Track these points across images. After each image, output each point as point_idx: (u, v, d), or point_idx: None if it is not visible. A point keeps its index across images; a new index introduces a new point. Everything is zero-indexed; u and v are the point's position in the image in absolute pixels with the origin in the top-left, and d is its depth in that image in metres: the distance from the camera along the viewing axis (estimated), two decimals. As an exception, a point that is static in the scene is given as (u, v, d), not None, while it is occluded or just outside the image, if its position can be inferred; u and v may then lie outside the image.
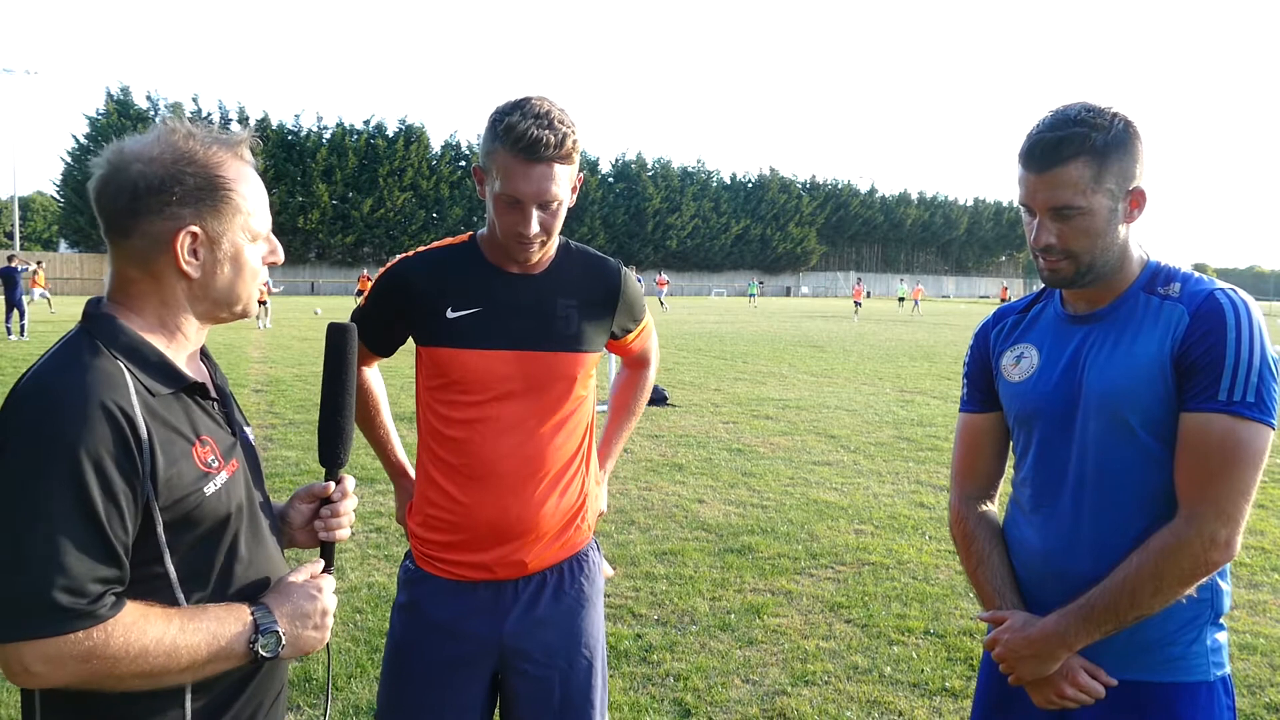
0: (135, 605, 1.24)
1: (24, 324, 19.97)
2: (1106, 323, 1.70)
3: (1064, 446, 1.71)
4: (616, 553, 5.53)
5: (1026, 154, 1.64)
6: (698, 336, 24.82)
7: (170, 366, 1.35)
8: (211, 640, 1.28)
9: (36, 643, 1.16)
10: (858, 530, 6.18)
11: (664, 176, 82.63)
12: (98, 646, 1.18)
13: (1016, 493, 1.85)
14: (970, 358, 1.97)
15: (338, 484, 1.58)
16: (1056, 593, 1.69)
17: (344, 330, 1.56)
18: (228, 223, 1.37)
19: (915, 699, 3.77)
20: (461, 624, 2.00)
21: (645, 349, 2.33)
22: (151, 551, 1.28)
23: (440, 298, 1.96)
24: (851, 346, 22.40)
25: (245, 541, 1.41)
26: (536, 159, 1.79)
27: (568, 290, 2.01)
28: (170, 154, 1.33)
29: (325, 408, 1.57)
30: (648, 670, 3.98)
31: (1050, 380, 1.74)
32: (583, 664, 2.06)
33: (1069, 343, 1.74)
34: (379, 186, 66.84)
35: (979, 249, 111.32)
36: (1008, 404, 1.84)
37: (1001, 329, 1.91)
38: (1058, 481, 1.72)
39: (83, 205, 57.97)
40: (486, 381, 1.95)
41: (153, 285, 1.36)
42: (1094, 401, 1.66)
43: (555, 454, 2.01)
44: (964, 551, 1.91)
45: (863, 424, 10.53)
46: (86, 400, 1.21)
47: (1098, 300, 1.73)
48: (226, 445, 1.41)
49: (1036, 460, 1.77)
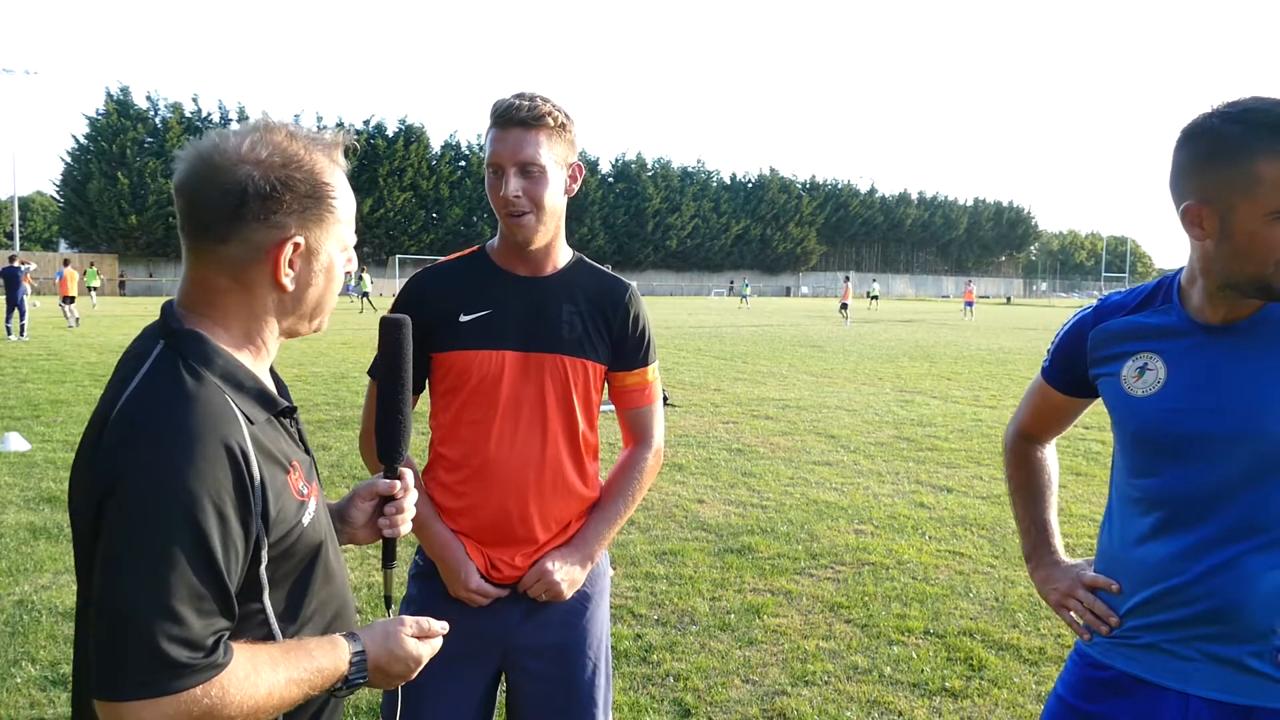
0: (243, 651, 1.16)
1: (24, 324, 19.97)
2: (1253, 336, 1.56)
3: (1206, 472, 1.57)
4: (616, 553, 5.53)
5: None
6: (698, 336, 24.83)
7: (265, 391, 1.27)
8: (308, 686, 1.23)
9: (153, 702, 1.07)
10: (858, 530, 6.18)
11: (664, 176, 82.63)
12: (215, 705, 1.10)
13: (1135, 511, 1.69)
14: (1062, 341, 1.84)
15: (400, 480, 1.54)
16: (1182, 609, 1.61)
17: (397, 323, 1.52)
18: (327, 233, 1.29)
19: (915, 699, 3.77)
20: (467, 620, 2.01)
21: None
22: (252, 588, 1.22)
23: (453, 305, 2.01)
24: (851, 346, 22.39)
25: (329, 567, 1.36)
26: (510, 122, 1.90)
27: (574, 297, 2.04)
28: (280, 157, 1.23)
29: (382, 404, 1.53)
30: (648, 670, 3.99)
31: (1187, 400, 1.59)
32: (587, 664, 2.07)
33: (1205, 357, 1.59)
34: (379, 186, 66.78)
35: (979, 249, 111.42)
36: (1126, 417, 1.68)
37: (1108, 327, 1.74)
38: (1200, 508, 1.59)
39: (82, 205, 58.09)
40: (493, 382, 1.98)
41: (243, 296, 1.26)
42: (1249, 426, 1.53)
43: (559, 456, 2.02)
44: (1021, 478, 1.98)
45: (863, 424, 10.53)
46: (202, 437, 1.12)
47: (1239, 309, 1.56)
48: (307, 467, 1.34)
49: (1169, 486, 1.63)
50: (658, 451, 2.18)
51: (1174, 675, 1.62)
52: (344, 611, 1.41)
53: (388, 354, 1.52)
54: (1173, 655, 1.62)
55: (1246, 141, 1.42)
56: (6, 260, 22.74)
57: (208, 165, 1.22)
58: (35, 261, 44.04)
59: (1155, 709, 1.63)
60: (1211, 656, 1.58)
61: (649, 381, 2.15)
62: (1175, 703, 1.61)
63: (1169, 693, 1.62)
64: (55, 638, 4.18)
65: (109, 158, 58.38)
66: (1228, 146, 1.44)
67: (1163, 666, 1.63)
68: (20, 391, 11.58)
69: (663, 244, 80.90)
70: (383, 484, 1.52)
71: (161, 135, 60.82)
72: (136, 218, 57.44)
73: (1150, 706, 1.64)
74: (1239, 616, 1.55)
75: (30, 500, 6.48)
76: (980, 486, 7.45)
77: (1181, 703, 1.61)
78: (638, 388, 2.14)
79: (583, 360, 2.03)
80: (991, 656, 4.15)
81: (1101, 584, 1.74)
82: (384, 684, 1.37)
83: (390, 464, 1.53)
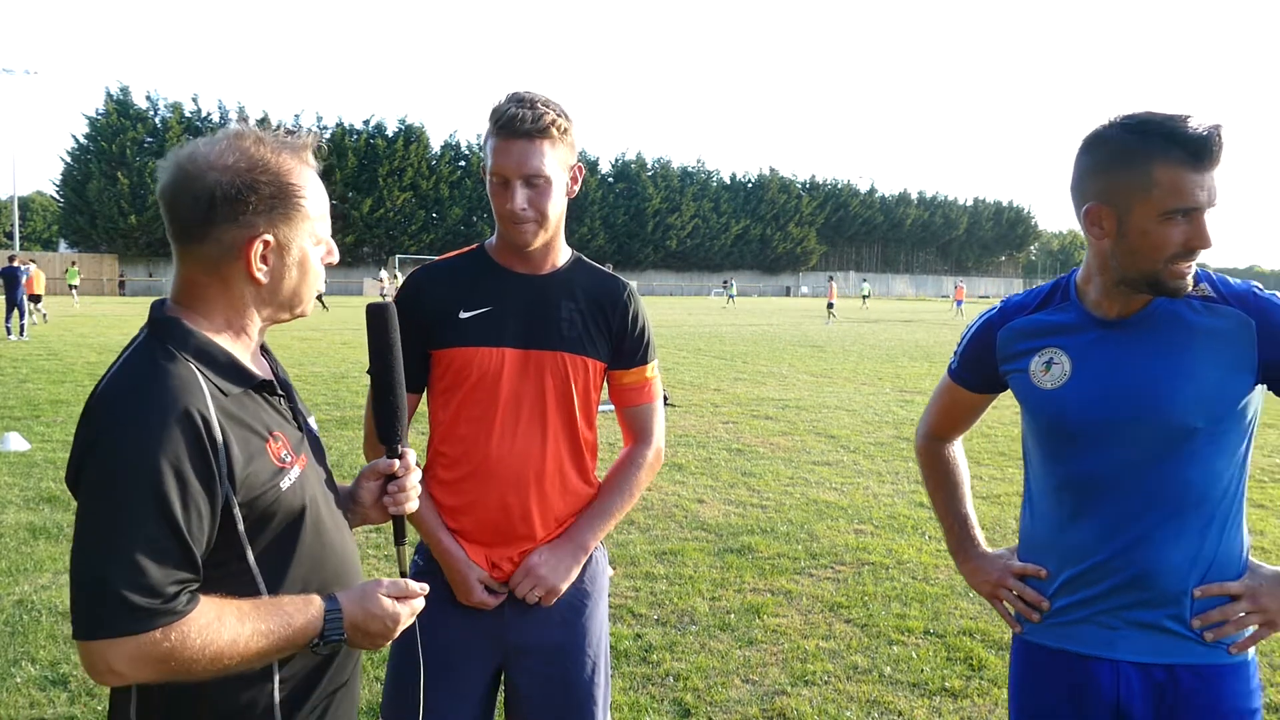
0: (210, 602, 1.27)
1: (24, 324, 19.98)
2: (1145, 328, 1.69)
3: (1114, 455, 1.70)
4: (616, 553, 5.53)
5: (1205, 149, 1.54)
6: (698, 336, 24.82)
7: (240, 366, 1.38)
8: (280, 639, 1.32)
9: (118, 641, 1.20)
10: (857, 530, 6.18)
11: (664, 176, 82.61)
12: (176, 647, 1.22)
13: (1053, 496, 1.81)
14: (971, 342, 1.95)
15: (400, 459, 1.60)
16: (1104, 583, 1.74)
17: (383, 309, 1.58)
18: (297, 229, 1.40)
19: (915, 699, 3.78)
20: (467, 620, 2.03)
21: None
22: (234, 548, 1.33)
23: (453, 302, 2.02)
24: (851, 346, 22.40)
25: (320, 532, 1.45)
26: (514, 134, 1.88)
27: (574, 295, 2.05)
28: (245, 162, 1.34)
29: (376, 387, 1.60)
30: (647, 670, 3.99)
31: (1092, 389, 1.71)
32: (587, 663, 2.07)
33: (1106, 350, 1.72)
34: (379, 186, 66.79)
35: (979, 249, 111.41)
36: (1037, 409, 1.80)
37: (1015, 326, 1.86)
38: (1110, 488, 1.71)
39: (82, 205, 58.07)
40: (493, 379, 1.99)
41: (221, 289, 1.38)
42: (1151, 410, 1.65)
43: (559, 453, 2.03)
44: (937, 478, 2.10)
45: (862, 424, 10.53)
46: (164, 407, 1.24)
47: (1132, 304, 1.70)
48: (295, 440, 1.45)
49: (1081, 470, 1.74)
50: (657, 450, 2.18)
51: (1103, 645, 1.74)
52: (341, 575, 1.48)
53: (376, 339, 1.59)
54: (1101, 626, 1.75)
55: (1144, 149, 1.56)
56: (6, 260, 22.73)
57: (182, 173, 1.34)
58: (35, 261, 44.01)
59: (1090, 679, 1.76)
60: (1134, 623, 1.71)
61: (648, 379, 2.15)
62: (1107, 671, 1.74)
63: (1102, 662, 1.75)
64: (55, 638, 4.18)
65: (109, 158, 58.39)
66: (1127, 153, 1.58)
67: (1093, 638, 1.76)
68: (20, 391, 11.58)
69: (663, 244, 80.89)
70: (383, 464, 1.61)
71: (161, 135, 60.82)
72: (136, 218, 57.42)
73: (1085, 678, 1.76)
74: (1155, 583, 1.69)
75: (30, 500, 6.49)
76: (979, 487, 7.45)
77: (1112, 669, 1.74)
78: (637, 386, 2.14)
79: (583, 357, 2.03)
80: (991, 656, 4.15)
81: (1030, 571, 1.84)
82: (365, 644, 1.45)
83: (390, 445, 1.60)
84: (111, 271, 56.20)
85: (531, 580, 2.00)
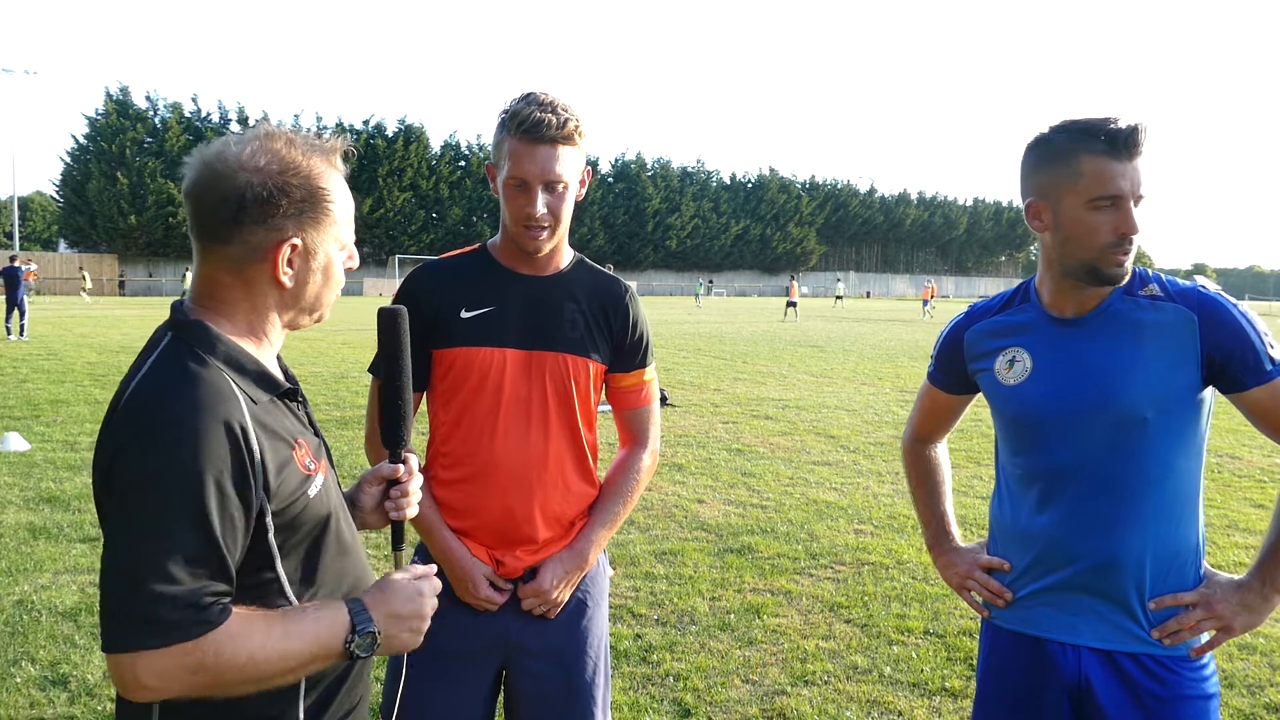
0: (240, 613, 1.24)
1: (24, 324, 19.97)
2: (1099, 325, 1.80)
3: (1074, 445, 1.80)
4: (617, 553, 5.53)
5: (1125, 141, 1.67)
6: (698, 336, 24.82)
7: (267, 373, 1.36)
8: (314, 642, 1.29)
9: (147, 654, 1.16)
10: (857, 530, 6.19)
11: (664, 176, 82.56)
12: (207, 658, 1.19)
13: (1019, 487, 1.91)
14: (943, 346, 2.06)
15: (404, 464, 1.59)
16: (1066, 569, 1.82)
17: (395, 313, 1.55)
18: (324, 234, 1.38)
19: (915, 699, 3.78)
20: (469, 621, 2.02)
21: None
22: (264, 558, 1.31)
23: (454, 301, 2.01)
24: (851, 346, 22.40)
25: (341, 539, 1.44)
26: (539, 139, 1.87)
27: (576, 296, 2.05)
28: (277, 164, 1.32)
29: (384, 392, 1.57)
30: (647, 670, 3.99)
31: (1051, 384, 1.82)
32: (587, 664, 2.08)
33: (1064, 347, 1.83)
34: (378, 186, 66.72)
35: (979, 249, 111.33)
36: (1002, 405, 1.91)
37: (980, 328, 1.97)
38: (1071, 477, 1.80)
39: (82, 205, 58.03)
40: (495, 379, 1.98)
41: (244, 291, 1.36)
42: (1105, 401, 1.75)
43: (561, 454, 2.03)
44: (919, 476, 2.22)
45: (862, 424, 10.53)
46: (203, 417, 1.21)
47: (1086, 302, 1.81)
48: (315, 446, 1.43)
49: (1044, 460, 1.84)
50: (654, 452, 2.19)
51: (1065, 629, 1.83)
52: (360, 584, 1.47)
53: (387, 343, 1.56)
54: (1063, 610, 1.83)
55: (1071, 144, 1.70)
56: (7, 260, 22.72)
57: (211, 172, 1.32)
58: (35, 261, 44.06)
59: (1050, 662, 1.84)
60: (1095, 610, 1.80)
61: (645, 382, 2.16)
62: (1070, 654, 1.82)
63: (1063, 646, 1.83)
64: (55, 638, 4.18)
65: (108, 158, 58.31)
66: (1057, 149, 1.73)
67: (1054, 622, 1.84)
68: (20, 391, 11.57)
69: (662, 244, 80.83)
70: (387, 468, 1.59)
71: (161, 135, 60.77)
72: (136, 218, 57.36)
73: (1046, 661, 1.85)
74: (1114, 570, 1.77)
75: (30, 500, 6.48)
76: (980, 486, 7.45)
77: (1074, 653, 1.82)
78: (635, 389, 2.15)
79: (585, 359, 2.03)
80: (991, 656, 4.14)
81: (996, 565, 1.96)
82: (401, 631, 1.39)
83: (394, 449, 1.58)
84: (111, 271, 56.15)
85: (540, 601, 2.01)
